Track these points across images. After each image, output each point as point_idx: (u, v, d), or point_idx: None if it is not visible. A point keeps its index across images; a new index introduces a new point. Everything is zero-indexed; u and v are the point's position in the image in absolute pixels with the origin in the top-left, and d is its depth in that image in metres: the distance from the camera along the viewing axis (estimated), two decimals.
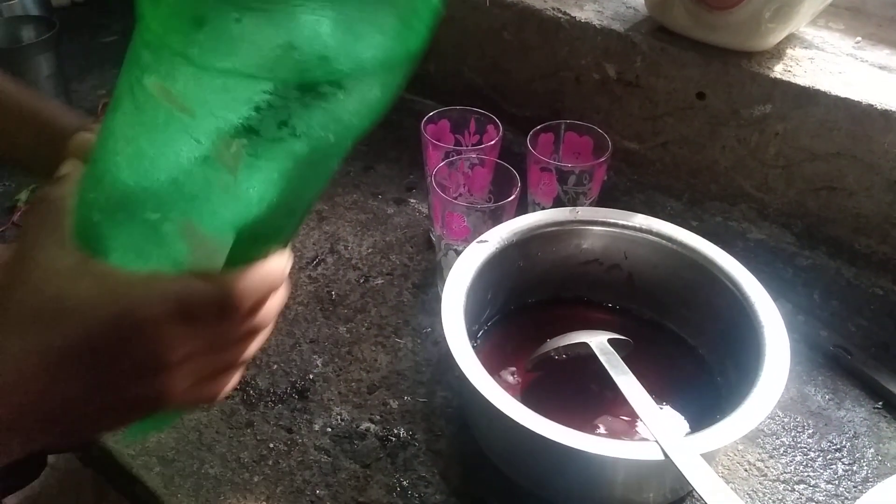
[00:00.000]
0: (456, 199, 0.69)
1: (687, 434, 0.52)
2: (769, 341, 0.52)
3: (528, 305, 0.65)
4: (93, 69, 1.03)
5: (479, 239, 0.60)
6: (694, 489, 0.44)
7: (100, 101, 0.96)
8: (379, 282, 0.72)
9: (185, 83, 0.32)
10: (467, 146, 0.74)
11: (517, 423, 0.46)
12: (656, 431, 0.47)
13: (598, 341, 0.56)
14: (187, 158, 0.33)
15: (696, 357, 0.61)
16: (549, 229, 0.62)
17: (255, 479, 0.55)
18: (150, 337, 0.32)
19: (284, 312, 0.69)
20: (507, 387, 0.58)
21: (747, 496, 0.55)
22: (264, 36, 0.31)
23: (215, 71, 0.31)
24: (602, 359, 0.54)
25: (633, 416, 0.55)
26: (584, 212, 0.63)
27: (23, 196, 0.80)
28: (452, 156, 0.69)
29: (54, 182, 0.38)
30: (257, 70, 0.31)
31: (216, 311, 0.34)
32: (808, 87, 0.68)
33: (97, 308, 0.32)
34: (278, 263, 0.36)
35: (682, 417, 0.56)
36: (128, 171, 0.34)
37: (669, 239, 0.61)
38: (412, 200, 0.82)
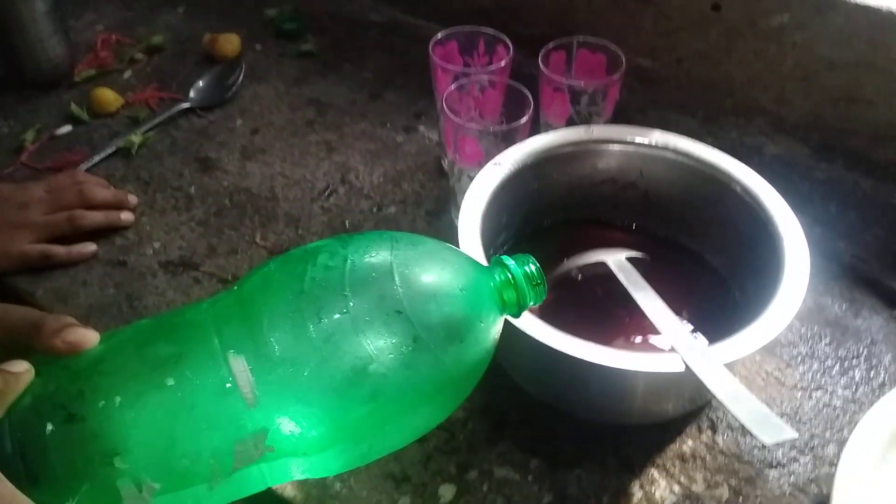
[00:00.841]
0: (467, 122, 0.68)
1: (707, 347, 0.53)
2: (788, 253, 0.52)
3: (544, 227, 0.65)
4: (88, 4, 1.00)
5: (492, 162, 0.59)
6: (715, 397, 0.44)
7: (97, 37, 0.94)
8: (392, 210, 0.72)
9: None
10: (477, 68, 0.73)
11: (536, 341, 0.47)
12: (677, 343, 0.47)
13: (615, 259, 0.56)
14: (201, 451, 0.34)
15: (713, 273, 0.61)
16: (564, 149, 0.62)
17: None
18: None
19: (301, 245, 0.69)
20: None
21: (765, 404, 0.55)
22: None
23: None
24: (620, 276, 0.54)
25: (653, 333, 0.56)
26: (599, 130, 0.62)
27: (29, 136, 0.80)
28: (462, 79, 0.68)
29: None
30: None
31: None
32: None
33: None
34: None
35: (701, 333, 0.57)
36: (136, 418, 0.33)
37: (686, 154, 0.60)
38: (421, 128, 0.81)
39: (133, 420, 0.33)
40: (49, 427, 0.32)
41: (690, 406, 0.55)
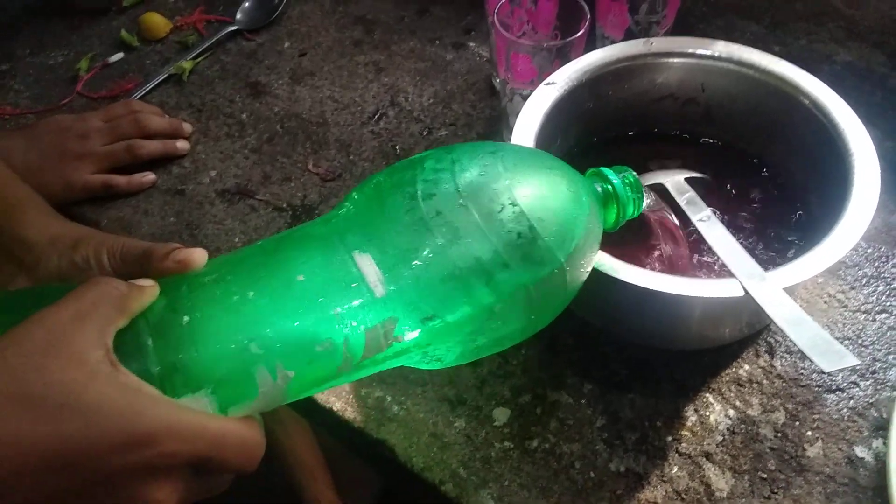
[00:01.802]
0: (520, 38, 0.66)
1: (767, 269, 0.51)
2: (858, 172, 0.49)
3: (601, 143, 0.62)
4: None
5: (545, 81, 0.57)
6: (774, 322, 0.43)
7: None
8: (443, 133, 0.71)
9: None
10: None
11: (596, 270, 0.46)
12: (735, 267, 0.46)
13: (674, 181, 0.54)
14: (341, 325, 0.35)
15: (780, 188, 0.58)
16: (620, 65, 0.59)
17: None
18: (152, 477, 0.30)
19: (353, 173, 0.69)
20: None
21: (826, 327, 0.54)
22: None
23: None
24: (679, 199, 0.53)
25: (712, 256, 0.54)
26: (658, 42, 0.59)
27: (83, 65, 0.80)
28: None
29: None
30: None
31: (241, 463, 0.33)
32: None
33: (109, 417, 0.29)
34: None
35: (765, 249, 0.55)
36: (267, 301, 0.35)
37: (749, 65, 0.57)
38: (471, 44, 0.79)
39: (266, 311, 0.35)
40: (185, 319, 0.34)
41: (748, 330, 0.54)
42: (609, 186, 0.44)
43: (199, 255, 0.38)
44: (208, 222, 0.66)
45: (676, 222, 0.54)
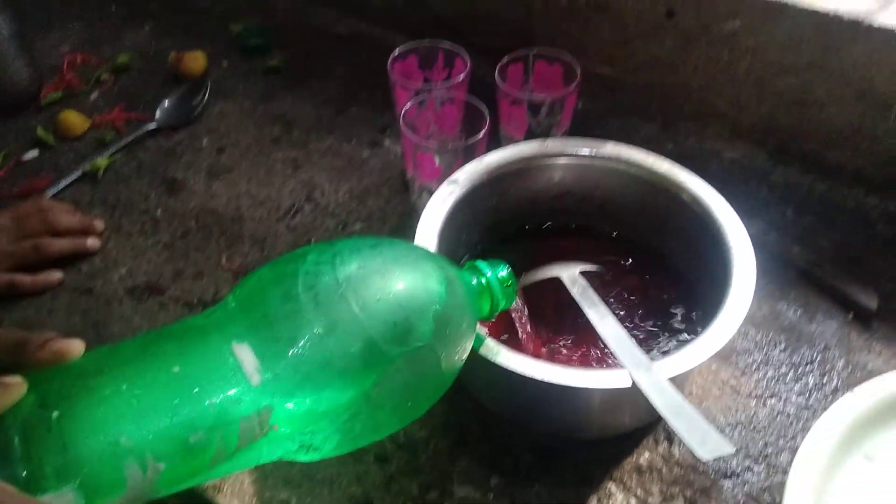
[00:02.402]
0: (427, 138, 0.69)
1: (654, 359, 0.54)
2: (736, 264, 0.53)
3: (506, 237, 0.65)
4: (54, 24, 1.01)
5: (448, 180, 0.60)
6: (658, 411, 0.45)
7: (64, 59, 0.94)
8: (357, 227, 0.73)
9: None
10: (437, 83, 0.74)
11: (491, 361, 0.48)
12: (623, 358, 0.48)
13: (569, 274, 0.57)
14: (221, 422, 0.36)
15: (669, 281, 0.61)
16: (519, 165, 0.62)
17: None
18: None
19: None
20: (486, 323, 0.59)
21: (721, 413, 0.57)
22: None
23: None
24: (572, 291, 0.55)
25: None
26: (553, 144, 0.63)
27: None
28: (422, 94, 0.69)
29: None
30: None
31: None
32: (776, 0, 0.67)
33: None
34: None
35: (653, 341, 0.58)
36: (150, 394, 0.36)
37: (638, 166, 0.61)
38: (387, 142, 0.82)
39: (139, 403, 0.35)
40: (55, 414, 0.34)
41: (648, 418, 0.56)
42: (483, 280, 0.46)
43: (75, 346, 0.38)
44: (115, 321, 0.65)
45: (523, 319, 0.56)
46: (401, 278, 0.41)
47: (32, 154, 0.82)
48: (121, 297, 0.67)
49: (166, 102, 0.87)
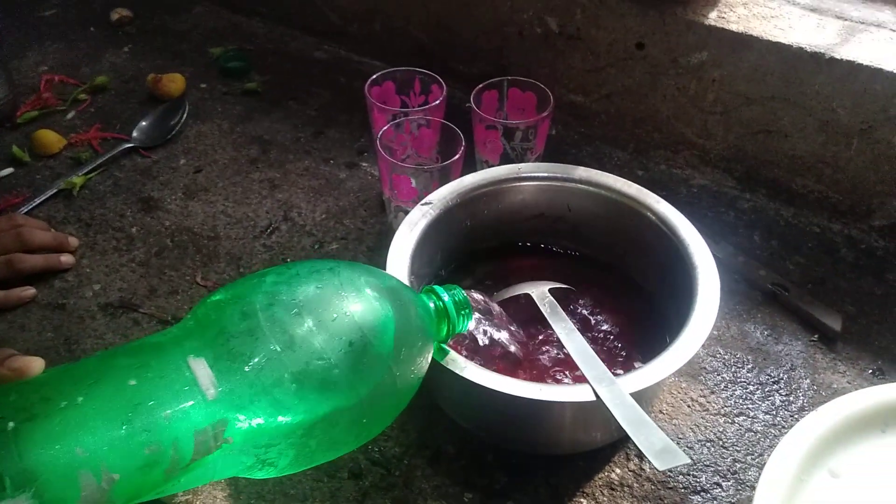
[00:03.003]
0: (403, 160, 0.70)
1: (618, 374, 0.55)
2: (701, 284, 0.54)
3: (477, 256, 0.66)
4: (32, 45, 1.01)
5: (423, 201, 0.61)
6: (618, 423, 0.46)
7: (42, 78, 0.94)
8: (334, 247, 0.73)
9: None
10: (413, 107, 0.75)
11: (464, 378, 0.48)
12: (588, 373, 0.49)
13: (539, 291, 0.58)
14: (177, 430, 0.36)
15: (638, 300, 0.63)
16: (493, 187, 0.63)
17: None
18: None
19: None
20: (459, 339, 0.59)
21: (690, 430, 0.58)
22: None
23: None
24: (542, 307, 0.56)
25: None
26: (527, 168, 0.64)
27: None
28: (399, 118, 0.70)
29: None
30: None
31: None
32: (742, 33, 0.69)
33: None
34: None
35: (620, 358, 0.58)
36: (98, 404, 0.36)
37: (609, 189, 0.62)
38: (364, 164, 0.83)
39: (94, 415, 0.35)
40: (10, 425, 0.34)
41: (618, 434, 0.56)
42: (440, 303, 0.48)
43: (35, 364, 0.38)
44: (88, 337, 0.65)
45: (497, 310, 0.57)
46: (357, 300, 0.42)
47: (7, 171, 0.82)
48: (94, 313, 0.67)
49: (144, 122, 0.87)
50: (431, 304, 0.48)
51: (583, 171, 0.63)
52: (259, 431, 0.38)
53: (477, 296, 0.56)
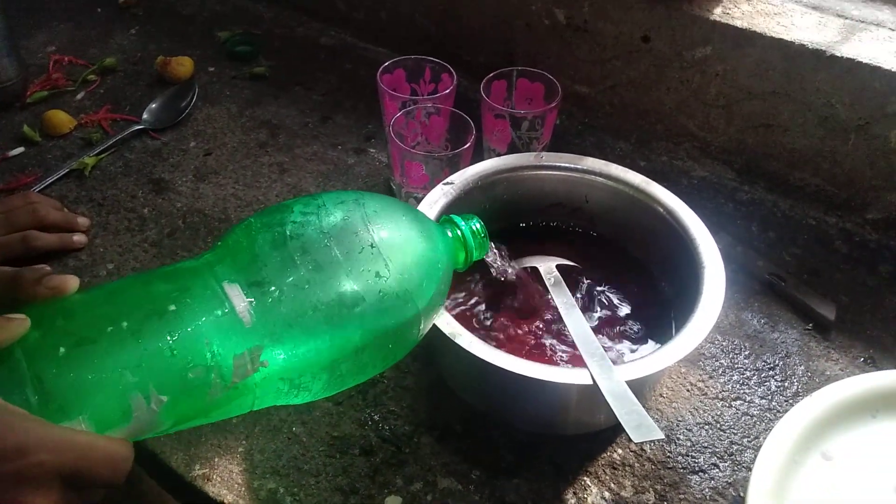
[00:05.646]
0: (414, 147, 0.72)
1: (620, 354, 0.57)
2: (707, 282, 0.56)
3: (492, 236, 0.67)
4: (40, 25, 1.01)
5: (444, 181, 0.63)
6: (602, 395, 0.48)
7: (51, 58, 0.95)
8: None
9: None
10: (423, 95, 0.76)
11: (474, 357, 0.50)
12: (581, 345, 0.51)
13: (546, 266, 0.60)
14: (209, 353, 0.38)
15: (646, 287, 0.64)
16: (513, 174, 0.65)
17: (234, 419, 0.58)
18: (24, 486, 0.32)
19: None
20: (471, 316, 0.61)
21: (689, 413, 0.60)
22: None
23: None
24: (546, 281, 0.58)
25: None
26: (549, 157, 0.66)
27: None
28: (409, 105, 0.71)
29: None
30: None
31: (108, 475, 0.35)
32: (745, 29, 0.71)
33: None
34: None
35: (648, 335, 0.60)
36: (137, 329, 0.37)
37: (627, 184, 0.63)
38: (372, 150, 0.84)
39: (140, 340, 0.37)
40: (62, 350, 0.35)
41: None
42: (458, 232, 0.50)
43: (71, 281, 0.39)
44: None
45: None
46: (382, 231, 0.44)
47: (18, 150, 0.83)
48: None
49: (153, 104, 0.88)
50: (450, 233, 0.50)
51: (601, 164, 0.64)
52: (291, 357, 0.41)
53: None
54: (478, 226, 0.51)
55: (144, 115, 0.87)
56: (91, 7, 1.05)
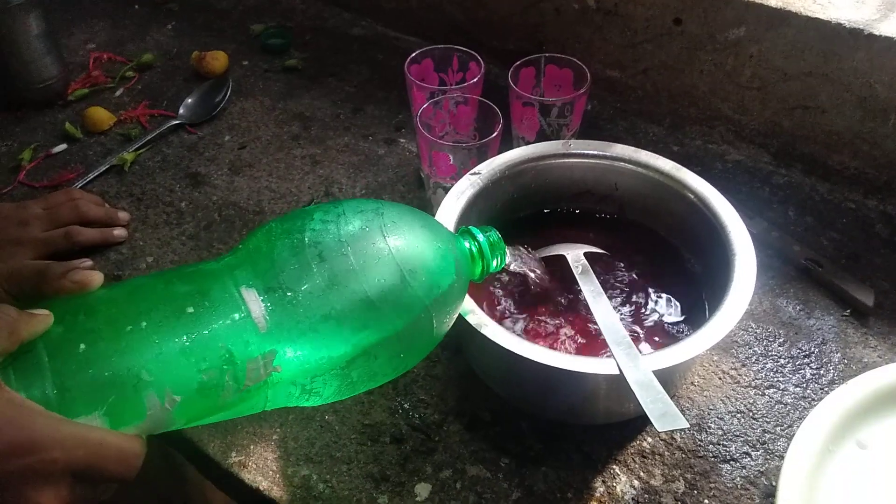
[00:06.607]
0: (441, 137, 0.72)
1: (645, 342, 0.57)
2: (738, 270, 0.55)
3: (519, 224, 0.66)
4: (78, 22, 1.04)
5: (471, 171, 0.63)
6: (628, 383, 0.48)
7: (90, 56, 0.97)
8: None
9: None
10: (451, 85, 0.76)
11: (502, 348, 0.50)
12: (607, 333, 0.51)
13: (574, 254, 0.60)
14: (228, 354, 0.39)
15: (678, 274, 0.63)
16: (541, 162, 0.65)
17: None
18: (36, 482, 0.32)
19: None
20: (497, 306, 0.61)
21: (721, 402, 0.59)
22: None
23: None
24: (574, 269, 0.58)
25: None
26: (576, 144, 0.65)
27: (25, 155, 0.83)
28: (437, 95, 0.72)
29: None
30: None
31: (119, 471, 0.36)
32: (780, 9, 0.69)
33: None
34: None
35: (679, 320, 0.60)
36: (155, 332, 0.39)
37: (656, 170, 0.63)
38: (402, 140, 0.85)
39: (157, 340, 0.38)
40: (82, 346, 0.37)
41: None
42: (475, 243, 0.50)
43: (96, 277, 0.40)
44: None
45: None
46: (400, 242, 0.45)
47: (61, 147, 0.85)
48: None
49: (189, 99, 0.90)
50: (467, 245, 0.51)
51: (631, 151, 0.64)
52: (304, 362, 0.42)
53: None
54: (495, 238, 0.51)
55: (181, 110, 0.89)
56: (128, 4, 1.08)
